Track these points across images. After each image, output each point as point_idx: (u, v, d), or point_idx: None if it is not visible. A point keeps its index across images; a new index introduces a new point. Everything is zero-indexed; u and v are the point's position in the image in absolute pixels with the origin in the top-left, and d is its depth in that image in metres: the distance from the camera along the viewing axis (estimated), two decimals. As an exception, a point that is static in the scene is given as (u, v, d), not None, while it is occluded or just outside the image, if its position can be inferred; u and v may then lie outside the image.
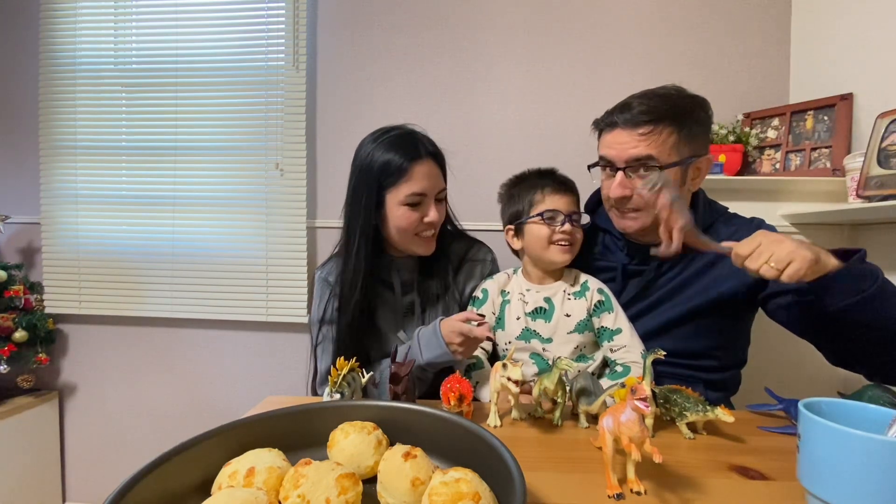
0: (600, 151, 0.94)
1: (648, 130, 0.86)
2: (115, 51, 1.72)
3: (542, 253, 0.94)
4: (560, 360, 0.67)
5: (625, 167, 0.88)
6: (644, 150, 0.86)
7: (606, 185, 0.94)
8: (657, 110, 0.86)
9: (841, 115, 1.32)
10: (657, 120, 0.85)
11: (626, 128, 0.87)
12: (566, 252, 0.93)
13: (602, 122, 0.94)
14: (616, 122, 0.89)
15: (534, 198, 0.95)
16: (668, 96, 0.88)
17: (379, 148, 0.95)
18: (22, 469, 1.65)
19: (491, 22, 1.64)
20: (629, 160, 0.87)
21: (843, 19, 1.34)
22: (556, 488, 0.53)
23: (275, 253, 1.68)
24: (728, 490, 0.52)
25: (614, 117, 0.89)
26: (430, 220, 0.97)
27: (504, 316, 0.98)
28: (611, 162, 0.90)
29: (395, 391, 0.70)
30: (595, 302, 0.94)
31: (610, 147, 0.90)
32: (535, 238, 0.94)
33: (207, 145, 1.70)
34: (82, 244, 1.74)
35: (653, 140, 0.85)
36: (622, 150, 0.88)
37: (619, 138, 0.88)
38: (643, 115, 0.86)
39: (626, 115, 0.87)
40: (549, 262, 0.95)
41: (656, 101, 0.87)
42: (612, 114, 0.91)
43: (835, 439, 0.42)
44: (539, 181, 0.96)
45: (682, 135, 0.87)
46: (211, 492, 0.46)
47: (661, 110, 0.86)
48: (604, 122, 0.93)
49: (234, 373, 1.76)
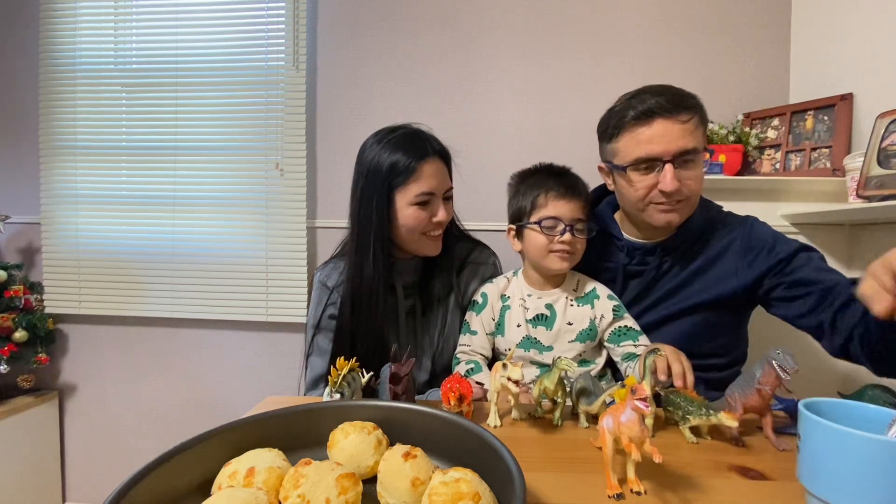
0: (636, 151, 0.86)
1: (689, 118, 0.83)
2: (115, 51, 1.72)
3: (541, 260, 0.93)
4: (560, 360, 0.67)
5: (672, 159, 0.84)
6: (690, 140, 0.84)
7: (645, 184, 0.87)
8: (686, 99, 0.85)
9: (841, 115, 1.32)
10: (691, 108, 0.84)
11: (668, 118, 0.83)
12: (565, 260, 0.91)
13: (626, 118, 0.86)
14: (654, 112, 0.83)
15: (537, 200, 0.91)
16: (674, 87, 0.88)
17: (385, 148, 0.94)
18: (22, 469, 1.65)
19: (491, 22, 1.64)
20: (678, 152, 0.83)
21: (843, 19, 1.34)
22: (556, 488, 0.53)
23: (275, 253, 1.68)
24: (728, 490, 0.52)
25: (648, 107, 0.83)
26: (439, 220, 0.96)
27: (504, 322, 0.97)
28: (656, 158, 0.85)
29: (395, 391, 0.70)
30: (612, 308, 0.93)
31: (652, 142, 0.84)
32: (533, 245, 0.92)
33: (207, 145, 1.70)
34: (82, 244, 1.74)
35: (693, 129, 0.84)
36: (669, 141, 0.83)
37: (661, 130, 0.83)
38: (680, 105, 0.83)
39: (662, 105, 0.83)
40: (547, 269, 0.94)
41: (676, 91, 0.86)
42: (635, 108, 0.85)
43: (835, 439, 0.42)
44: (546, 182, 0.92)
45: (704, 123, 0.87)
46: (211, 492, 0.46)
47: (689, 99, 0.85)
48: (630, 118, 0.86)
49: (234, 373, 1.76)
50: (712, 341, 0.94)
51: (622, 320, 0.94)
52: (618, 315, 0.94)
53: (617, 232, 1.00)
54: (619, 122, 0.88)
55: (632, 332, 0.93)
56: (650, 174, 0.87)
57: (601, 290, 0.95)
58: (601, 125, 0.94)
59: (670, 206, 0.88)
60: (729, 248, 0.93)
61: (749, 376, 0.65)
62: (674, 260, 0.96)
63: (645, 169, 0.87)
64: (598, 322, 0.93)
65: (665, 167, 0.84)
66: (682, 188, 0.85)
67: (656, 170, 0.86)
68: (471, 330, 1.01)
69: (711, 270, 0.93)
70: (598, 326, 0.93)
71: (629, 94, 0.90)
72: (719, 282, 0.91)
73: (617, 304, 0.95)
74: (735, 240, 0.93)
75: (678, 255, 0.96)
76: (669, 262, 0.96)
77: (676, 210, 0.89)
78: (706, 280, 0.93)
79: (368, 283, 0.95)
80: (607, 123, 0.91)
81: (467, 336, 1.01)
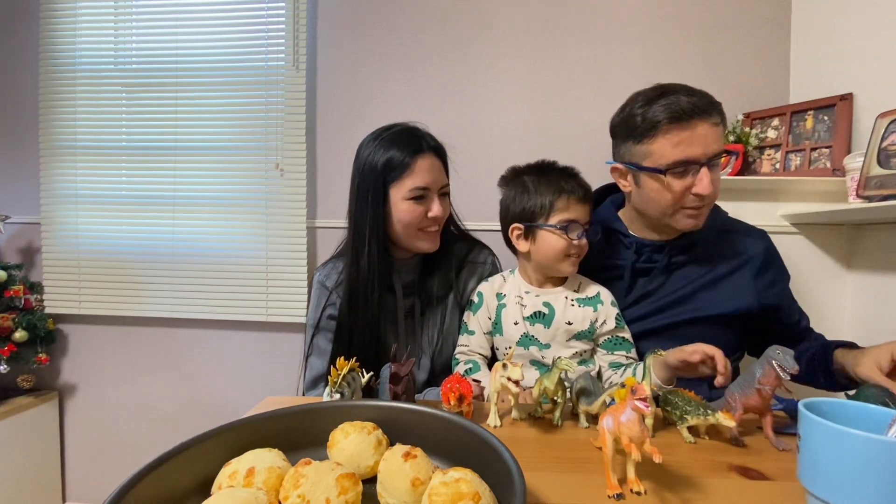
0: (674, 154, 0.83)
1: (719, 120, 0.84)
2: (115, 51, 1.72)
3: (555, 263, 0.91)
4: (560, 360, 0.67)
5: (708, 162, 0.83)
6: (721, 143, 0.84)
7: (681, 186, 0.85)
8: (714, 101, 0.84)
9: (841, 115, 1.32)
10: (720, 110, 0.84)
11: (706, 120, 0.82)
12: (576, 265, 0.92)
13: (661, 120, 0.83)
14: (693, 113, 0.81)
15: (556, 202, 0.88)
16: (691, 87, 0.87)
17: (381, 145, 0.95)
18: (22, 469, 1.65)
19: (491, 22, 1.64)
20: (713, 155, 0.83)
21: (843, 19, 1.34)
22: (556, 488, 0.53)
23: (275, 253, 1.68)
24: (728, 490, 0.52)
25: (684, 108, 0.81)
26: (434, 215, 0.96)
27: (501, 320, 0.97)
28: (694, 161, 0.83)
29: (395, 391, 0.70)
30: (615, 316, 0.93)
31: (693, 144, 0.82)
32: (549, 247, 0.90)
33: (207, 145, 1.70)
34: (82, 244, 1.74)
35: (723, 130, 0.85)
36: (708, 144, 0.82)
37: (702, 131, 0.82)
38: (713, 106, 0.83)
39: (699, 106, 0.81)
40: (558, 272, 0.93)
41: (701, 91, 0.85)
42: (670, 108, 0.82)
43: (835, 439, 0.42)
44: (564, 184, 0.89)
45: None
46: (211, 492, 0.46)
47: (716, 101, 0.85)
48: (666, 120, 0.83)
49: (234, 373, 1.76)
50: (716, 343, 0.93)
51: (622, 331, 0.94)
52: (619, 325, 0.93)
53: (623, 230, 0.99)
54: (653, 123, 0.84)
55: (626, 343, 0.94)
56: (685, 178, 0.85)
57: (605, 296, 0.94)
58: (624, 125, 0.90)
59: (698, 210, 0.87)
60: (748, 264, 0.94)
61: (749, 376, 0.65)
62: (684, 260, 0.95)
63: (681, 172, 0.84)
64: (599, 326, 0.93)
65: (702, 170, 0.83)
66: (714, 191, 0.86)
67: (690, 173, 0.84)
68: (468, 330, 1.01)
69: (726, 284, 0.93)
70: (598, 330, 0.93)
71: (652, 92, 0.86)
72: (735, 297, 0.92)
73: (619, 313, 0.94)
74: (754, 257, 0.94)
75: (689, 256, 0.95)
76: (679, 261, 0.95)
77: (702, 214, 0.89)
78: (721, 293, 0.92)
79: (365, 279, 0.96)
80: (634, 123, 0.87)
81: (465, 336, 1.01)
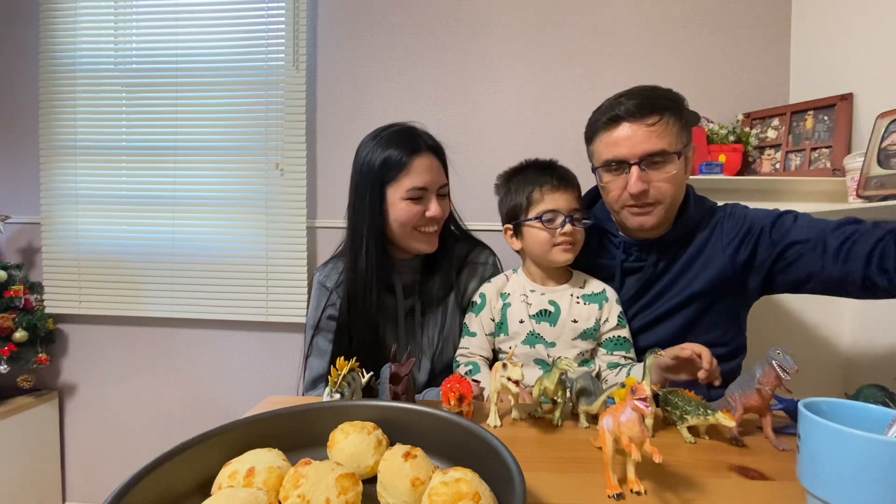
0: (605, 154, 0.90)
1: (656, 121, 0.85)
2: (115, 51, 1.72)
3: (545, 255, 0.93)
4: (560, 360, 0.67)
5: (639, 162, 0.86)
6: (657, 142, 0.85)
7: (616, 185, 0.90)
8: (658, 101, 0.86)
9: (841, 115, 1.32)
10: (662, 110, 0.85)
11: (633, 121, 0.86)
12: (568, 252, 0.92)
13: (599, 122, 0.91)
14: (620, 116, 0.86)
15: (532, 196, 0.92)
16: (656, 89, 0.89)
17: (379, 145, 0.95)
18: (22, 469, 1.65)
19: (491, 22, 1.64)
20: (643, 155, 0.85)
21: (843, 19, 1.34)
22: (556, 488, 0.52)
23: (275, 253, 1.68)
24: (728, 490, 0.52)
25: (616, 112, 0.87)
26: (431, 215, 0.96)
27: (506, 320, 0.96)
28: (622, 160, 0.88)
29: (395, 391, 0.70)
30: (618, 315, 0.94)
31: (618, 145, 0.87)
32: (534, 240, 0.92)
33: (207, 145, 1.70)
34: (82, 244, 1.74)
35: (662, 131, 0.85)
36: (634, 145, 0.86)
37: (626, 133, 0.86)
38: (647, 108, 0.85)
39: (629, 109, 0.85)
40: (552, 262, 0.94)
41: (650, 93, 0.87)
42: (607, 112, 0.88)
43: (835, 439, 0.42)
44: (538, 177, 0.93)
45: (682, 123, 0.88)
46: (211, 492, 0.46)
47: (662, 101, 0.86)
48: (602, 122, 0.90)
49: (234, 373, 1.76)
50: (710, 332, 0.94)
51: (622, 330, 0.94)
52: (621, 324, 0.94)
53: (613, 229, 1.00)
54: (593, 126, 0.93)
55: (626, 343, 0.94)
56: (620, 176, 0.89)
57: (611, 294, 0.95)
58: (586, 128, 0.97)
59: (640, 208, 0.90)
60: (712, 235, 0.95)
61: (749, 376, 0.65)
62: (670, 257, 0.96)
63: (615, 171, 0.90)
64: (603, 324, 0.93)
65: (631, 169, 0.87)
66: (650, 190, 0.87)
67: (625, 172, 0.88)
68: (469, 332, 1.01)
69: (699, 259, 0.94)
70: (601, 328, 0.93)
71: (609, 98, 0.91)
72: (707, 268, 0.92)
73: (622, 312, 0.95)
74: (717, 224, 0.95)
75: (673, 252, 0.96)
76: (666, 259, 0.96)
77: (648, 213, 0.90)
78: (695, 269, 0.94)
79: (363, 279, 0.96)
80: (589, 126, 0.95)
81: (466, 338, 1.01)
